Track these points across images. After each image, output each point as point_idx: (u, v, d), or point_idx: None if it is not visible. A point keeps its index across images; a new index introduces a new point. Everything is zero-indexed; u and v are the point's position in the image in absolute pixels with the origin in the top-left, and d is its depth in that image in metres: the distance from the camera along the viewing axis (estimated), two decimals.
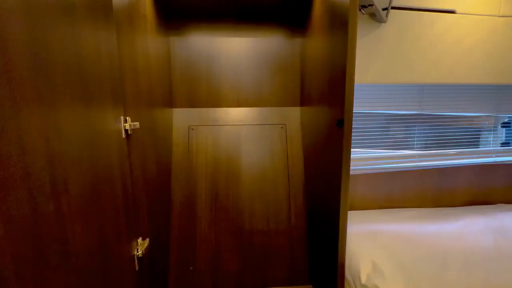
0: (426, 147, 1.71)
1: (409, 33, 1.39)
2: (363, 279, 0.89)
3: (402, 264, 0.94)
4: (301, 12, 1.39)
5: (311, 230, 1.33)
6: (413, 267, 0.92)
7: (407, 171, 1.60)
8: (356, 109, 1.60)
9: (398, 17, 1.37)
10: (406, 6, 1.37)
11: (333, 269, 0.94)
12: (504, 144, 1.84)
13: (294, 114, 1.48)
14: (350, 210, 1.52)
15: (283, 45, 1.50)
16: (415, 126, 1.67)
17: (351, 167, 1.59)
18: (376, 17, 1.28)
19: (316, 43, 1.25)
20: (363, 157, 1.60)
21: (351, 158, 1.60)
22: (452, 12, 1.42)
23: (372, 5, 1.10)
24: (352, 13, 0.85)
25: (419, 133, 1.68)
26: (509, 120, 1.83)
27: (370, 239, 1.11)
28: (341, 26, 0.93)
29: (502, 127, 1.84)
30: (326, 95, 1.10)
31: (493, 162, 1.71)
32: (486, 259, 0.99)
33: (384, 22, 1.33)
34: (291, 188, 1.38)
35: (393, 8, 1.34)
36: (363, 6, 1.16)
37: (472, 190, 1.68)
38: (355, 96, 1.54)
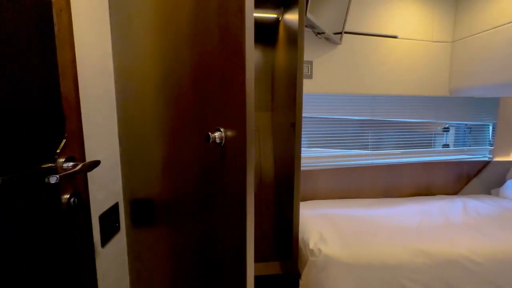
0: (378, 147, 2.01)
1: (360, 53, 1.70)
2: (311, 245, 1.14)
3: (342, 234, 1.20)
4: (272, 32, 1.66)
5: (277, 213, 1.58)
6: (350, 236, 1.19)
7: (362, 167, 1.90)
8: (319, 114, 1.89)
9: (351, 40, 1.67)
10: (357, 31, 1.67)
11: (290, 242, 1.19)
12: (445, 145, 2.19)
13: (266, 118, 1.73)
14: (314, 199, 1.79)
15: (259, 59, 1.76)
16: (368, 130, 1.98)
17: (315, 163, 1.86)
18: (331, 40, 1.57)
19: (280, 57, 1.52)
20: (326, 155, 1.88)
21: (315, 156, 1.88)
22: (395, 37, 1.75)
23: (324, 32, 1.39)
24: (300, 35, 1.12)
25: (372, 135, 1.99)
26: (448, 126, 2.18)
27: (322, 218, 1.37)
28: (294, 44, 1.19)
29: (443, 131, 2.19)
30: (285, 101, 1.35)
31: (434, 160, 2.04)
32: (409, 231, 1.27)
33: (339, 44, 1.63)
34: (262, 179, 1.63)
35: (346, 32, 1.65)
36: (318, 33, 1.44)
37: (416, 184, 2.00)
38: (319, 103, 1.83)
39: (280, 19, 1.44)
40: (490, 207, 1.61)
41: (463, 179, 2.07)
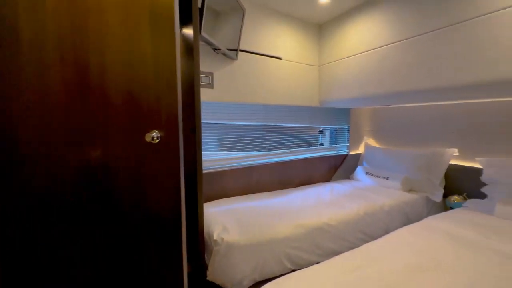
0: (274, 148, 2.41)
1: (253, 68, 2.01)
2: (215, 236, 1.29)
3: (242, 222, 1.41)
4: None
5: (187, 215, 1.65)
6: (248, 223, 1.41)
7: (261, 165, 2.21)
8: (224, 120, 2.09)
9: (245, 57, 1.96)
10: (250, 50, 1.98)
11: (197, 240, 1.30)
12: (321, 144, 2.84)
13: None
14: (222, 198, 1.95)
15: None
16: (265, 133, 2.34)
17: (223, 165, 2.03)
18: (228, 56, 1.80)
19: (181, 67, 1.61)
20: (231, 157, 2.09)
21: (223, 158, 2.05)
22: (279, 58, 2.17)
23: (219, 49, 1.59)
24: (195, 50, 1.26)
25: (268, 138, 2.36)
26: (323, 129, 2.84)
27: (226, 213, 1.55)
28: (192, 56, 1.31)
29: (319, 133, 2.83)
30: (186, 108, 1.45)
31: (313, 156, 2.61)
32: (293, 212, 1.62)
33: (235, 59, 1.88)
34: None
35: (241, 50, 1.92)
36: (215, 49, 1.63)
37: (303, 176, 2.50)
38: (224, 110, 2.02)
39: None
40: (347, 188, 2.22)
41: (332, 169, 2.74)
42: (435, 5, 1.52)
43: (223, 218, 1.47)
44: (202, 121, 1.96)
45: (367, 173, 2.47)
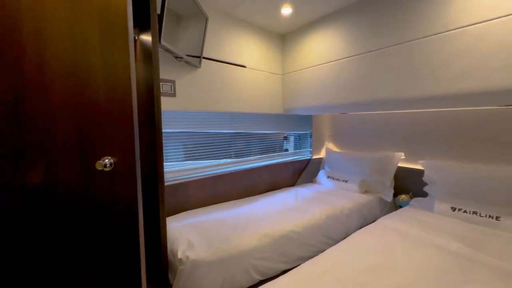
0: (240, 155, 2.40)
1: (217, 76, 1.98)
2: (179, 255, 1.23)
3: (207, 236, 1.38)
4: None
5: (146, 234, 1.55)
6: (214, 237, 1.38)
7: (227, 173, 2.19)
8: (187, 129, 2.01)
9: (209, 64, 1.92)
10: (214, 58, 1.95)
11: (161, 260, 1.22)
12: (286, 150, 2.92)
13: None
14: (186, 210, 1.88)
15: None
16: (231, 141, 2.32)
17: (186, 176, 1.95)
18: (191, 63, 1.74)
19: (138, 74, 1.52)
20: (196, 167, 2.03)
21: (186, 168, 1.97)
22: (244, 66, 2.18)
23: (182, 57, 1.53)
24: (155, 57, 1.19)
25: (234, 145, 2.35)
26: (287, 135, 2.92)
27: (191, 227, 1.50)
28: (149, 60, 1.23)
29: (284, 139, 2.91)
30: (145, 118, 1.36)
31: (278, 162, 2.68)
32: (259, 220, 1.63)
33: (199, 67, 1.83)
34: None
35: (204, 58, 1.88)
36: (176, 57, 1.57)
37: (269, 182, 2.54)
38: (187, 118, 1.94)
39: (136, 38, 1.44)
40: (310, 192, 2.31)
41: (297, 173, 2.84)
42: (385, 25, 1.68)
43: (187, 233, 1.42)
44: (164, 131, 1.88)
45: (328, 176, 2.61)
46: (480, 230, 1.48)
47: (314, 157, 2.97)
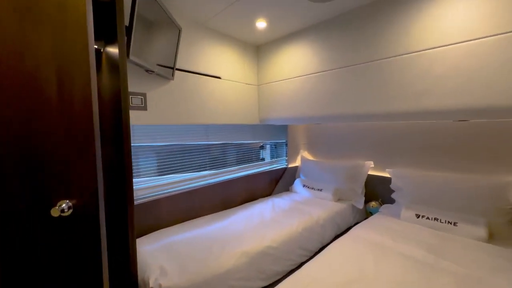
0: (216, 167, 2.36)
1: (191, 88, 1.93)
2: (151, 283, 1.16)
3: (182, 259, 1.32)
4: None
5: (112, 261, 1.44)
6: (189, 259, 1.33)
7: (203, 187, 2.13)
8: (159, 142, 1.93)
9: (182, 76, 1.86)
10: (187, 69, 1.89)
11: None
12: (262, 159, 2.93)
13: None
14: (159, 229, 1.78)
15: None
16: (206, 152, 2.27)
17: (159, 192, 1.86)
18: (163, 76, 1.67)
19: (105, 88, 1.42)
20: (168, 183, 1.94)
21: (158, 184, 1.88)
22: (219, 77, 2.15)
23: (153, 71, 1.47)
24: (122, 72, 1.11)
25: (209, 157, 2.30)
26: (263, 144, 2.93)
27: (164, 250, 1.42)
28: (116, 74, 1.14)
29: (260, 148, 2.91)
30: (112, 133, 1.27)
31: (255, 172, 2.67)
32: (236, 238, 1.60)
33: (172, 79, 1.76)
34: None
35: (177, 69, 1.81)
36: (147, 70, 1.50)
37: (246, 193, 2.52)
38: (159, 131, 1.86)
39: (102, 50, 1.35)
40: (286, 202, 2.34)
41: (273, 183, 2.86)
42: (354, 44, 1.77)
43: (160, 258, 1.34)
44: (135, 145, 1.77)
45: (304, 185, 2.67)
46: (441, 236, 1.60)
47: (290, 165, 3.02)
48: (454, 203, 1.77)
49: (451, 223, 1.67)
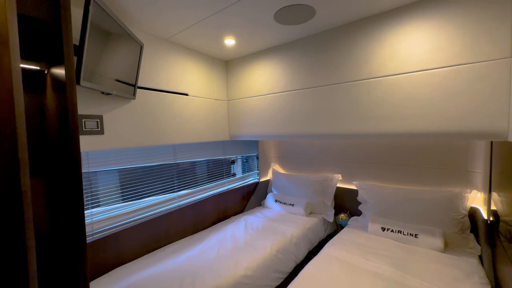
0: (185, 187, 2.22)
1: (157, 107, 1.79)
2: None
3: None
4: (39, 78, 1.32)
5: None
6: None
7: (171, 211, 1.99)
8: (122, 165, 1.75)
9: (145, 95, 1.72)
10: (150, 87, 1.76)
11: None
12: (233, 174, 2.86)
13: (38, 185, 1.33)
14: (121, 265, 1.60)
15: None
16: (173, 173, 2.13)
17: (119, 222, 1.68)
18: (124, 96, 1.52)
19: (50, 111, 1.24)
20: (130, 211, 1.77)
21: (118, 214, 1.70)
22: (186, 94, 2.04)
23: (110, 93, 1.32)
24: (70, 93, 0.97)
25: (178, 178, 2.16)
26: (234, 159, 2.87)
27: None
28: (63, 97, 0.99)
29: (231, 163, 2.84)
30: (61, 161, 1.12)
31: (226, 189, 2.59)
32: (208, 269, 1.50)
33: (133, 98, 1.61)
34: None
35: (140, 88, 1.67)
36: (103, 92, 1.35)
37: (217, 212, 2.43)
38: (116, 152, 1.68)
39: (46, 72, 1.17)
40: (259, 220, 2.29)
41: (245, 198, 2.80)
42: (321, 66, 1.81)
43: None
44: (92, 170, 1.58)
45: (276, 200, 2.66)
46: (405, 249, 1.70)
47: (262, 179, 3.00)
48: (414, 215, 1.90)
49: (412, 235, 1.78)
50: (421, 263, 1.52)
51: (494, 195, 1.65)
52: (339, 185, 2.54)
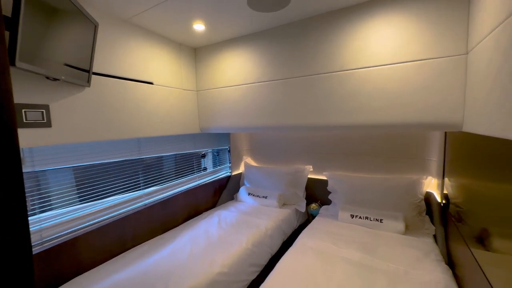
0: (152, 184, 2.06)
1: (117, 97, 1.60)
2: None
3: None
4: None
5: None
6: None
7: (137, 211, 1.83)
8: (78, 162, 1.54)
9: (103, 82, 1.52)
10: (108, 73, 1.55)
11: None
12: (204, 168, 2.75)
13: None
14: (79, 274, 1.43)
15: None
16: (138, 169, 1.96)
17: (77, 226, 1.50)
18: (75, 82, 1.32)
19: None
20: (89, 213, 1.58)
21: (75, 218, 1.50)
22: (151, 83, 1.86)
23: (58, 79, 1.13)
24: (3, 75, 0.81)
25: (143, 174, 1.99)
26: (205, 153, 2.75)
27: None
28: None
29: (201, 157, 2.72)
30: None
31: (197, 184, 2.48)
32: (181, 270, 1.42)
33: (87, 86, 1.41)
34: None
35: (95, 74, 1.47)
36: (48, 77, 1.14)
37: (188, 209, 2.31)
38: (74, 148, 1.47)
39: None
40: (233, 215, 2.25)
41: (218, 193, 2.72)
42: (295, 57, 1.79)
43: None
44: (43, 169, 1.37)
45: (249, 193, 2.63)
46: (372, 234, 1.81)
47: (234, 173, 2.94)
48: (379, 202, 2.03)
49: (378, 220, 1.91)
50: (386, 247, 1.63)
51: (446, 180, 1.82)
52: (310, 176, 2.60)
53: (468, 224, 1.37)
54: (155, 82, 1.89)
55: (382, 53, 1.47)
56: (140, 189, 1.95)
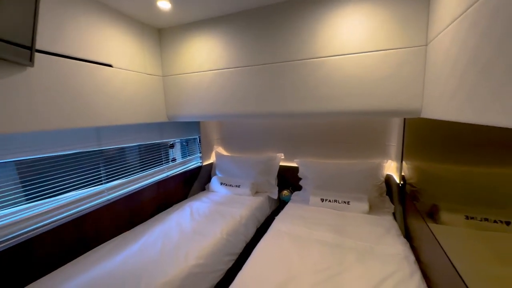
0: (115, 178, 1.90)
1: (66, 79, 1.39)
2: None
3: None
4: None
5: None
6: None
7: (99, 207, 1.67)
8: (11, 157, 1.33)
9: (50, 62, 1.31)
10: (56, 52, 1.34)
11: None
12: (173, 159, 2.62)
13: None
14: (34, 280, 1.26)
15: None
16: (99, 162, 1.77)
17: (28, 227, 1.31)
18: (13, 60, 1.11)
19: None
20: (42, 212, 1.39)
21: (24, 218, 1.32)
22: (110, 65, 1.67)
23: None
24: None
25: (105, 167, 1.82)
26: (173, 143, 2.61)
27: None
28: None
29: (169, 147, 2.58)
30: None
31: (166, 176, 2.35)
32: (154, 266, 1.34)
33: (30, 66, 1.20)
34: None
35: (40, 51, 1.26)
36: None
37: (157, 202, 2.19)
38: (20, 139, 1.26)
39: None
40: (205, 205, 2.19)
41: (188, 184, 2.63)
42: (268, 43, 1.74)
43: None
44: None
45: (221, 183, 2.59)
46: (341, 215, 1.92)
47: (205, 163, 2.85)
48: (346, 185, 2.16)
49: (346, 203, 2.03)
50: (354, 226, 1.75)
51: (404, 163, 2.01)
52: (281, 163, 2.65)
53: (421, 201, 1.53)
54: (115, 65, 1.70)
55: (352, 41, 1.52)
56: (102, 184, 1.78)
